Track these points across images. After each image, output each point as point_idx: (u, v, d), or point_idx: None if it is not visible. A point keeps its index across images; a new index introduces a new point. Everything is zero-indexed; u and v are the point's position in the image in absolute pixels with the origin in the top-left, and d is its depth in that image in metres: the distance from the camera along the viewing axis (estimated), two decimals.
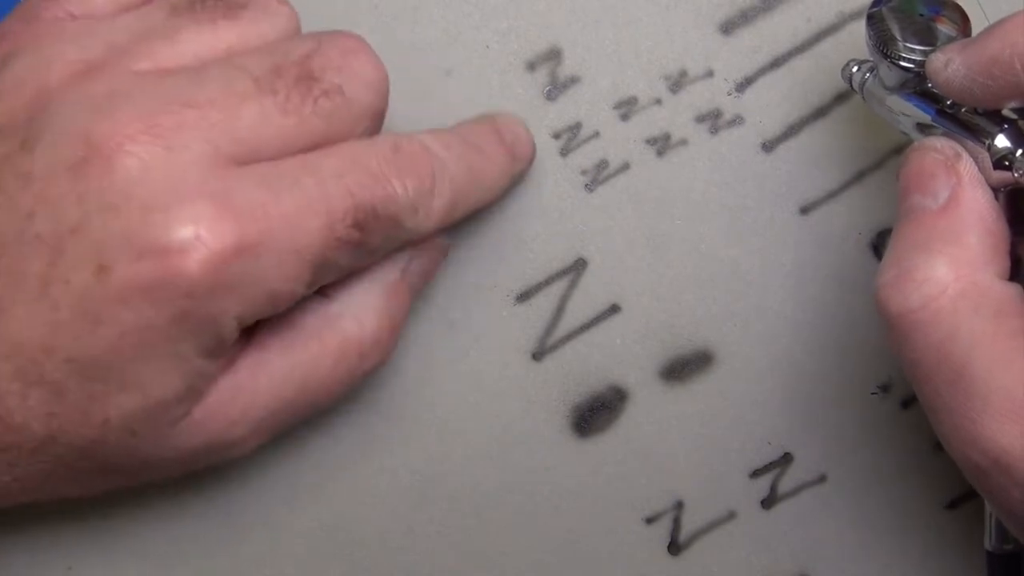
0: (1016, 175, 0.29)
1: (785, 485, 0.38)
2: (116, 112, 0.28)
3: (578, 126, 0.37)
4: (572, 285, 0.37)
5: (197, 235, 0.28)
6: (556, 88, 0.37)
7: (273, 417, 0.32)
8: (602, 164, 0.37)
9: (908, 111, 0.32)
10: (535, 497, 0.38)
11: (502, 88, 0.37)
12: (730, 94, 0.37)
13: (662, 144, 0.37)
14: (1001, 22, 0.29)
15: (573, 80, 0.37)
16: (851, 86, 0.34)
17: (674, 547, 0.38)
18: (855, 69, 0.34)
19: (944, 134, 0.31)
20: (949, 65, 0.30)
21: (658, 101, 0.37)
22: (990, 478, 0.27)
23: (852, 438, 0.38)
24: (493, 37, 0.37)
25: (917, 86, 0.32)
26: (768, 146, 0.37)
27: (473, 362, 0.37)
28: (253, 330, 0.31)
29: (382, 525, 0.37)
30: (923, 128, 0.31)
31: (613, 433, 0.38)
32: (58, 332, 0.28)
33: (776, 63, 0.37)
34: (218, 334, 0.29)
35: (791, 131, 0.37)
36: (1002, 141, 0.29)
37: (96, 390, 0.29)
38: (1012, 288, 0.28)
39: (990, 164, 0.29)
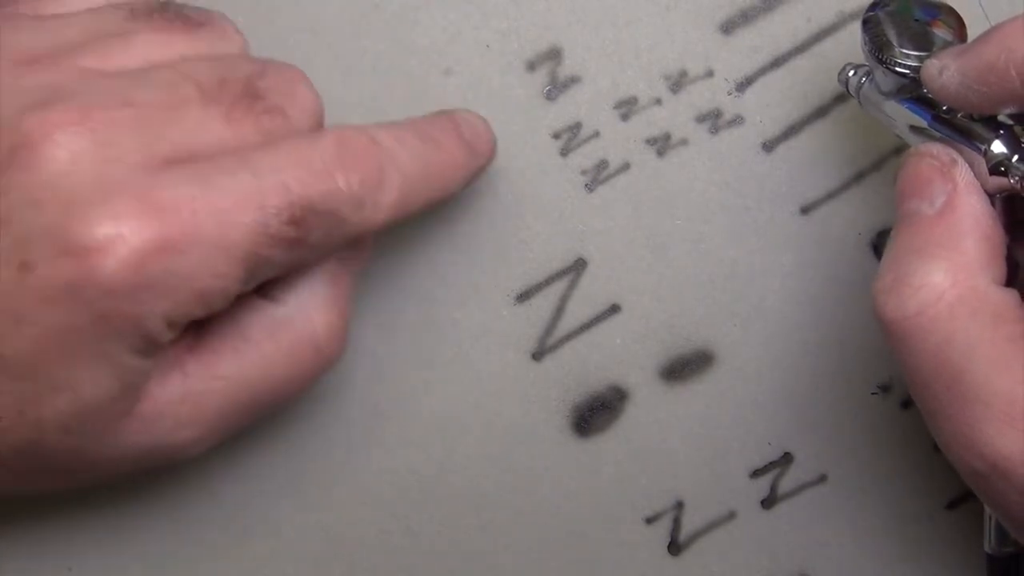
0: (1012, 181, 0.29)
1: (785, 485, 0.38)
2: (52, 104, 0.28)
3: (578, 126, 0.37)
4: (572, 285, 0.37)
5: (118, 233, 0.27)
6: (556, 88, 0.37)
7: (225, 420, 0.31)
8: (602, 164, 0.37)
9: (904, 116, 0.32)
10: (535, 497, 0.38)
11: (502, 88, 0.37)
12: (730, 94, 0.37)
13: (662, 144, 0.37)
14: (996, 28, 0.29)
15: (573, 80, 0.37)
16: (847, 90, 0.34)
17: (674, 547, 0.38)
18: (851, 73, 0.34)
19: (940, 139, 0.31)
20: (944, 72, 0.30)
21: (658, 101, 0.37)
22: (989, 483, 0.27)
23: (852, 438, 0.38)
24: (493, 37, 0.37)
25: (913, 91, 0.32)
26: (768, 146, 0.37)
27: (473, 362, 0.37)
28: (204, 333, 0.31)
29: (382, 525, 0.37)
30: (919, 133, 0.31)
31: (613, 433, 0.38)
32: None
33: (776, 63, 0.37)
34: (146, 334, 0.28)
35: (791, 131, 0.37)
36: (998, 147, 0.29)
37: (26, 390, 0.28)
38: (1009, 293, 0.28)
39: (986, 170, 0.29)
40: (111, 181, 0.27)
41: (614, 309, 0.37)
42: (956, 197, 0.29)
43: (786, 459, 0.38)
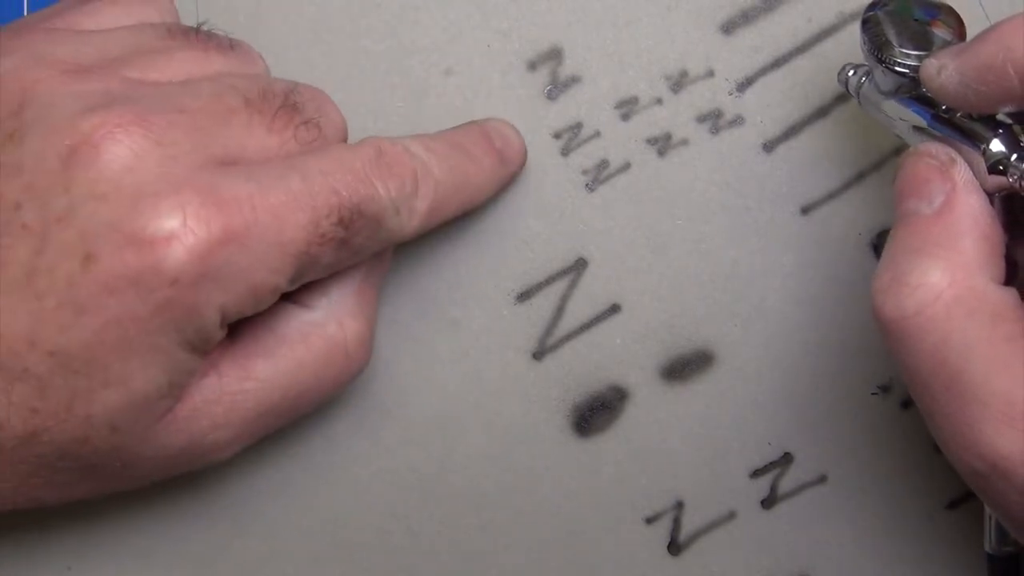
0: (1011, 180, 0.29)
1: (785, 485, 0.38)
2: (109, 106, 0.29)
3: (579, 126, 0.37)
4: (572, 285, 0.37)
5: (184, 224, 0.28)
6: (557, 88, 0.37)
7: (258, 421, 0.32)
8: (603, 164, 0.37)
9: (903, 116, 0.32)
10: (535, 497, 0.38)
11: (503, 88, 0.37)
12: (731, 94, 0.37)
13: (663, 144, 0.37)
14: (995, 27, 0.29)
15: (574, 80, 0.37)
16: (847, 90, 0.34)
17: (674, 547, 0.38)
18: (851, 73, 0.34)
19: (939, 139, 0.31)
20: (943, 71, 0.30)
21: (659, 101, 0.37)
22: (989, 483, 0.27)
23: (852, 438, 0.38)
24: (494, 37, 0.37)
25: (912, 90, 0.32)
26: (769, 146, 0.37)
27: (473, 362, 0.37)
28: (238, 336, 0.32)
29: (382, 525, 0.37)
30: (918, 132, 0.31)
31: (613, 433, 0.38)
32: (42, 323, 0.28)
33: (777, 63, 0.37)
34: (201, 326, 0.29)
35: (792, 131, 0.37)
36: (997, 146, 0.29)
37: (79, 385, 0.29)
38: (1007, 292, 0.28)
39: (985, 169, 0.29)
40: (174, 176, 0.28)
41: (614, 309, 0.37)
42: (955, 196, 0.29)
43: (786, 459, 0.38)
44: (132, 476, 0.31)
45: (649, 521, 0.38)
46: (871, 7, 0.32)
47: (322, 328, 0.33)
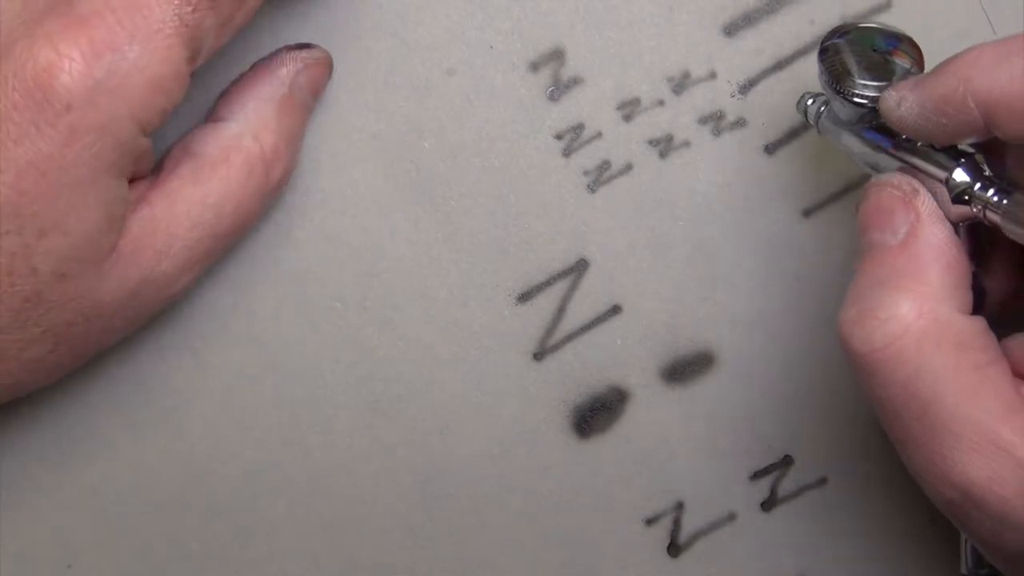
0: (974, 209, 0.29)
1: (785, 488, 0.38)
2: None
3: (580, 127, 0.37)
4: (573, 285, 0.37)
5: (57, 51, 0.28)
6: (559, 89, 0.37)
7: (198, 245, 0.32)
8: (604, 165, 0.37)
9: (864, 146, 0.32)
10: (535, 497, 0.38)
11: (505, 88, 0.37)
12: (733, 96, 0.37)
13: (664, 145, 0.37)
14: (954, 59, 0.29)
15: (576, 81, 0.37)
16: (806, 119, 0.34)
17: (674, 548, 0.38)
18: (810, 102, 0.34)
19: (901, 169, 0.30)
20: (903, 103, 0.30)
21: (661, 102, 0.37)
22: (963, 510, 0.27)
23: (852, 441, 0.38)
24: (496, 37, 0.37)
25: (873, 120, 0.31)
26: (770, 148, 0.37)
27: (473, 362, 0.37)
28: (162, 167, 0.33)
29: (382, 525, 0.37)
30: (880, 163, 0.31)
31: (613, 434, 0.38)
32: None
33: (779, 65, 0.37)
34: (119, 142, 0.30)
35: (793, 133, 0.37)
36: (960, 175, 0.29)
37: (13, 243, 0.29)
38: (975, 322, 0.28)
39: (949, 199, 0.29)
40: (34, 14, 0.29)
41: (615, 310, 0.37)
42: (919, 227, 0.29)
43: (786, 461, 0.38)
44: (101, 330, 0.32)
45: (649, 522, 0.38)
46: (829, 36, 0.32)
47: (239, 142, 0.33)
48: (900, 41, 0.32)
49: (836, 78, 0.31)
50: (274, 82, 0.34)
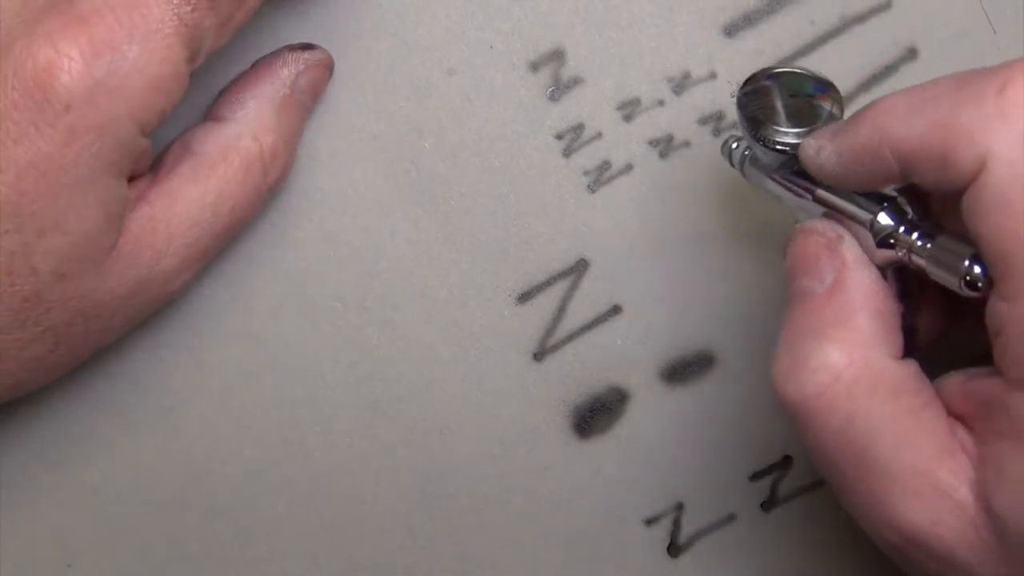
0: (899, 253, 0.28)
1: (785, 488, 0.38)
2: None
3: (581, 127, 0.37)
4: (573, 286, 0.37)
5: (56, 50, 0.28)
6: (559, 89, 0.37)
7: (197, 244, 0.33)
8: (604, 165, 0.37)
9: (788, 191, 0.31)
10: (535, 497, 0.38)
11: (505, 88, 0.37)
12: (733, 96, 0.37)
13: (665, 145, 0.37)
14: (870, 107, 0.28)
15: (576, 81, 0.37)
16: (731, 163, 0.34)
17: (674, 549, 0.38)
18: (734, 146, 0.34)
19: (826, 214, 0.30)
20: (821, 151, 0.29)
21: (661, 103, 0.37)
22: (907, 554, 0.27)
23: None
24: (496, 37, 0.37)
25: (796, 165, 0.31)
26: None
27: (473, 362, 0.37)
28: (161, 165, 0.33)
29: (382, 525, 0.37)
30: (805, 208, 0.31)
31: (613, 434, 0.38)
32: None
33: (779, 66, 0.37)
34: (119, 142, 0.30)
35: None
36: (883, 219, 0.29)
37: (13, 242, 0.29)
38: (906, 366, 0.28)
39: (873, 243, 0.29)
40: (34, 12, 0.29)
41: (615, 310, 0.37)
42: (845, 274, 0.29)
43: (786, 462, 0.38)
44: (101, 328, 0.32)
45: (649, 523, 0.38)
46: (749, 81, 0.32)
47: (238, 141, 0.33)
48: (823, 87, 0.31)
49: (756, 125, 0.31)
50: (275, 82, 0.34)
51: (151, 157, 0.32)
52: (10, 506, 0.36)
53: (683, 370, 0.38)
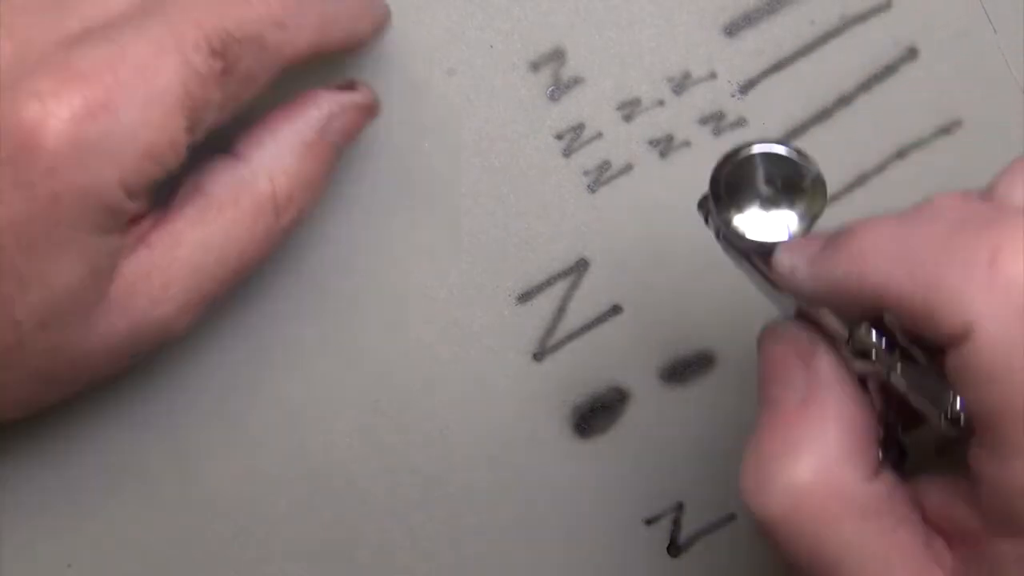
0: (878, 368, 0.27)
1: None
2: None
3: (581, 127, 0.37)
4: (573, 285, 0.37)
5: (44, 108, 0.27)
6: (559, 89, 0.37)
7: (199, 290, 0.31)
8: (604, 165, 0.37)
9: (763, 279, 0.29)
10: (535, 497, 0.38)
11: (505, 88, 0.37)
12: (733, 96, 0.37)
13: (665, 145, 0.37)
14: (850, 238, 0.26)
15: (576, 81, 0.37)
16: (706, 223, 0.31)
17: (674, 548, 0.38)
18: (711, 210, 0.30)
19: (800, 313, 0.28)
20: (796, 272, 0.28)
21: (661, 102, 0.37)
22: None
23: None
24: (496, 37, 0.37)
25: (770, 251, 0.29)
26: None
27: (473, 362, 0.37)
28: (169, 205, 0.31)
29: (381, 525, 0.37)
30: (779, 299, 0.29)
31: (614, 434, 0.38)
32: None
33: (779, 65, 0.37)
34: (105, 206, 0.28)
35: (794, 134, 0.37)
36: (863, 336, 0.27)
37: None
38: (878, 485, 0.27)
39: (851, 353, 0.27)
40: (26, 63, 0.28)
41: (615, 310, 0.37)
42: (817, 388, 0.27)
43: None
44: (88, 372, 0.31)
45: (649, 522, 0.38)
46: (720, 167, 0.29)
47: (252, 185, 0.31)
48: (801, 170, 0.29)
49: (723, 222, 0.29)
50: (300, 124, 0.32)
51: (150, 200, 0.30)
52: (10, 506, 0.36)
53: (683, 370, 0.38)
